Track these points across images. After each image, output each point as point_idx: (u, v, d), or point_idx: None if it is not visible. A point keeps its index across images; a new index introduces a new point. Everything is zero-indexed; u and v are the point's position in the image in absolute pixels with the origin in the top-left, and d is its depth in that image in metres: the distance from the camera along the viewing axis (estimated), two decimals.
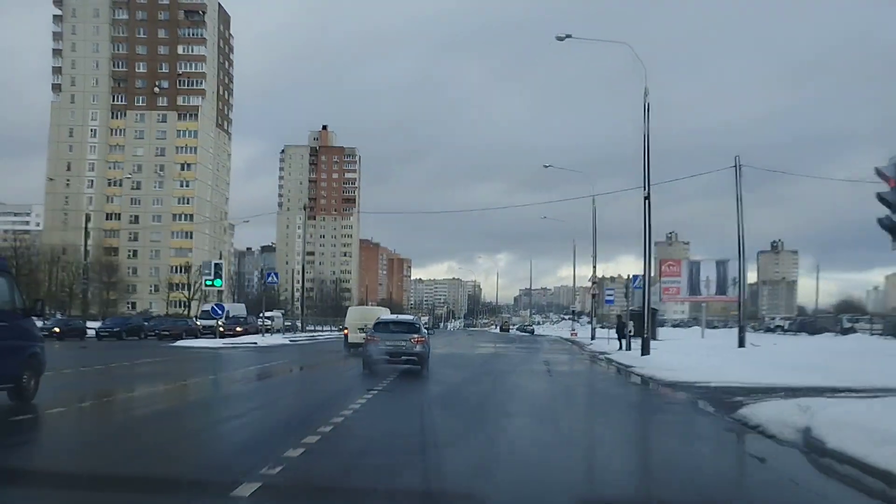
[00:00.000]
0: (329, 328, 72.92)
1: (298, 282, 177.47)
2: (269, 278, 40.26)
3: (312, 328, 77.64)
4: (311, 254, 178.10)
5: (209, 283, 34.36)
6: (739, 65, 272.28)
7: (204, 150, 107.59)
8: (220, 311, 33.97)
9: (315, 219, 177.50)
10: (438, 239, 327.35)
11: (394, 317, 23.99)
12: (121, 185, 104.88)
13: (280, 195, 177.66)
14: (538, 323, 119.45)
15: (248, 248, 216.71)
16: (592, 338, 49.92)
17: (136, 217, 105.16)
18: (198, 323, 46.32)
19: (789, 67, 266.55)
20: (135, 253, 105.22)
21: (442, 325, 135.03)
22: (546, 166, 49.78)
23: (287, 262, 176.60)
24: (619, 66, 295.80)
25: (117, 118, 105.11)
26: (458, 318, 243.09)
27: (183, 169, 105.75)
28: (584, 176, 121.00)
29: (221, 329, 36.37)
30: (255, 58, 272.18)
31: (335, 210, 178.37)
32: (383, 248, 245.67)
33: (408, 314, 35.98)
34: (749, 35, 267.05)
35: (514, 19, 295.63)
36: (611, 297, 42.29)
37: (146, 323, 50.06)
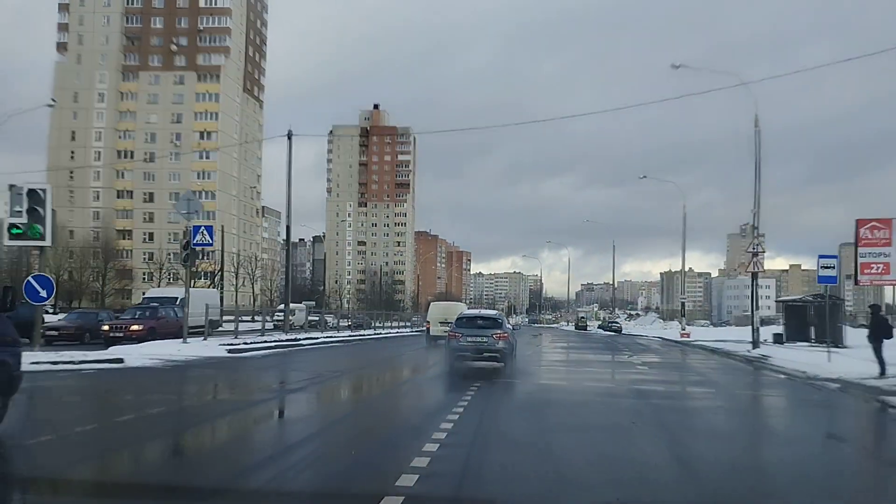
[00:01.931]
0: (341, 324, 53.22)
1: (349, 273, 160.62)
2: (197, 237, 21.27)
3: (350, 324, 58.30)
4: (363, 243, 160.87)
5: (15, 231, 15.63)
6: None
7: (227, 117, 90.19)
8: (40, 295, 15.32)
9: (366, 206, 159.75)
10: (503, 235, 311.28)
11: (476, 312, 22.15)
12: (132, 157, 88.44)
13: (328, 180, 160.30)
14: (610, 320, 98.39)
15: (301, 240, 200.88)
16: (755, 345, 29.39)
17: (151, 195, 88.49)
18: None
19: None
20: (150, 236, 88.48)
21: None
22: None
23: (337, 253, 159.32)
24: (699, 54, 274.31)
25: (129, 80, 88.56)
26: (520, 313, 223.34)
27: (202, 138, 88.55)
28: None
29: (52, 332, 17.83)
30: (320, 43, 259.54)
31: (388, 196, 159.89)
32: (442, 240, 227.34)
33: (491, 310, 32.67)
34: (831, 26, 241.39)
35: (591, 9, 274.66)
36: (831, 272, 21.80)
37: (59, 318, 32.20)
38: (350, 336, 35.90)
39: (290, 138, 29.63)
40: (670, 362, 24.11)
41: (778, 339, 37.74)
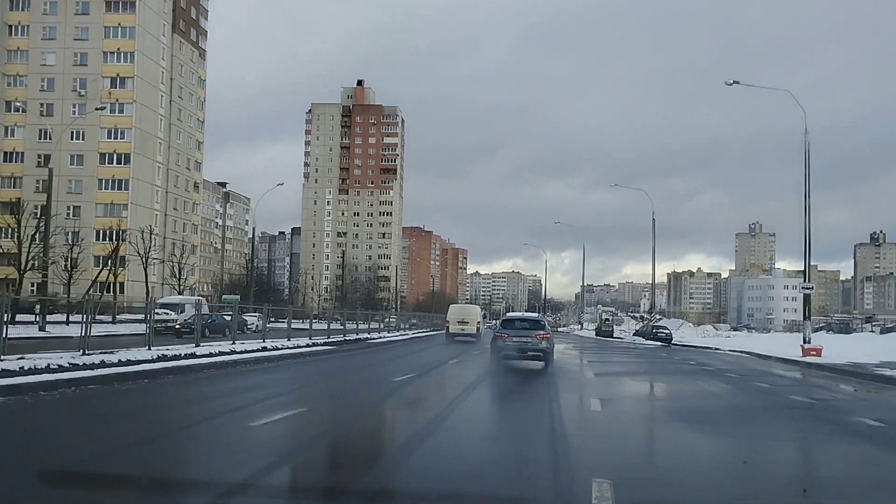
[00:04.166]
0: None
1: (327, 268, 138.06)
2: None
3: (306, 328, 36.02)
4: (343, 235, 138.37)
5: None
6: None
7: (147, 60, 67.77)
8: None
9: (348, 193, 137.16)
10: (504, 237, 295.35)
11: (520, 314, 23.90)
12: (24, 111, 66.19)
13: (306, 164, 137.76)
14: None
15: (281, 233, 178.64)
16: None
17: (47, 158, 66.00)
18: None
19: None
20: (44, 209, 65.87)
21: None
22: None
23: (314, 245, 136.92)
24: (711, 56, 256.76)
25: (17, 9, 66.13)
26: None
27: (114, 86, 66.34)
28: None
29: None
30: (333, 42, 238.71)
31: (372, 183, 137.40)
32: (436, 237, 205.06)
33: (533, 313, 35.57)
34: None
35: (603, 7, 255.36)
36: None
37: None
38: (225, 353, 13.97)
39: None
40: None
41: None
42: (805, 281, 28.43)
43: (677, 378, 17.06)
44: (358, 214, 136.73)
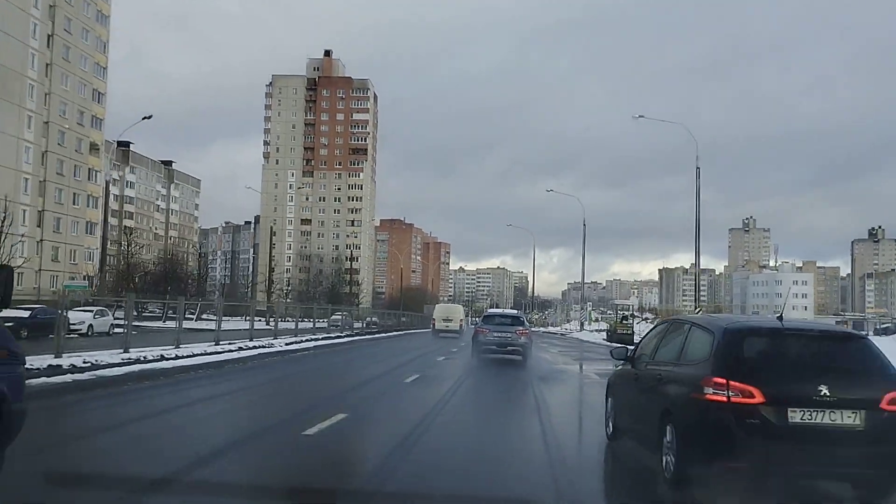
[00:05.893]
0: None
1: (289, 259, 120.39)
2: None
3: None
4: (307, 222, 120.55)
5: None
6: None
7: None
8: None
9: (313, 175, 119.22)
10: (493, 236, 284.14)
11: (500, 311, 25.14)
12: None
13: (265, 142, 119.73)
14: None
15: (247, 222, 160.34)
16: None
17: None
18: None
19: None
20: None
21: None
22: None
23: (274, 233, 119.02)
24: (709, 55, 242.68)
25: None
26: None
27: None
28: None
29: None
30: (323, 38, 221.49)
31: (339, 164, 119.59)
32: (417, 230, 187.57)
33: (513, 309, 34.41)
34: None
35: (601, 8, 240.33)
36: None
37: None
38: None
39: None
40: None
41: None
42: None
43: None
44: (324, 199, 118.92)
